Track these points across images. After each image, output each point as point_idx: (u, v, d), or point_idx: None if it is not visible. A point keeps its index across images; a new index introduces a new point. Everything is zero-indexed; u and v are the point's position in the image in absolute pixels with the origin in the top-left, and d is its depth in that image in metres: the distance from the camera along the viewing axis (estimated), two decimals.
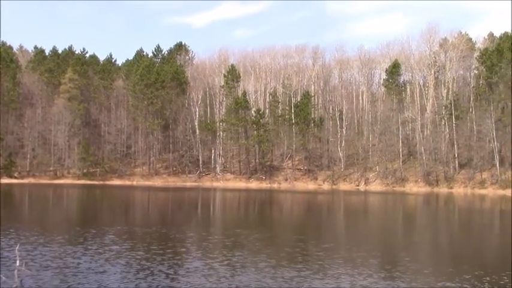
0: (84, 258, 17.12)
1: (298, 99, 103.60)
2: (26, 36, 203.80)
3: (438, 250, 22.13)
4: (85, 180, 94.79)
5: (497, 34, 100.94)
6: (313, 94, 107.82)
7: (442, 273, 15.93)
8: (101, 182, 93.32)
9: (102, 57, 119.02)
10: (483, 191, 79.74)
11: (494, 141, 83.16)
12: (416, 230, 31.67)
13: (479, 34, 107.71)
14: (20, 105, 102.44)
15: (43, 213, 37.56)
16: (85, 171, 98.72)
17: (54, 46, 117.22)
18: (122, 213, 39.34)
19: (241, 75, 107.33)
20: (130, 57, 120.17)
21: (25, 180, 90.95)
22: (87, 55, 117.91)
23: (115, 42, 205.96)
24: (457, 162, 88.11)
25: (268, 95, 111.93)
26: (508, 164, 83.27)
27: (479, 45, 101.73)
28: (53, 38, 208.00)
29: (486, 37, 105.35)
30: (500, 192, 77.84)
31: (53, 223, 29.71)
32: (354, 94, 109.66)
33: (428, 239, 26.29)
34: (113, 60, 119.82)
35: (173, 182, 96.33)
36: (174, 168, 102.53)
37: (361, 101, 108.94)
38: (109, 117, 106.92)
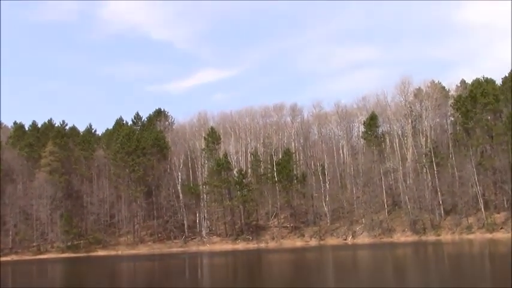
0: None
1: (280, 157, 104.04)
2: (4, 112, 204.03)
3: None
4: (69, 253, 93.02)
5: (469, 81, 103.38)
6: (294, 151, 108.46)
7: None
8: (86, 254, 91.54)
9: (82, 128, 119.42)
10: (470, 236, 79.59)
11: (477, 186, 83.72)
12: (409, 281, 31.32)
13: (451, 82, 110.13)
14: (0, 182, 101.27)
15: None
16: (69, 244, 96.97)
17: (34, 121, 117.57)
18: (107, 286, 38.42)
19: (221, 137, 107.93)
20: (110, 127, 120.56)
21: (8, 258, 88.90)
22: (67, 127, 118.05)
23: (94, 112, 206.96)
24: (442, 208, 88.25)
25: (249, 154, 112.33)
26: (493, 207, 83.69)
27: (453, 92, 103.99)
28: (32, 112, 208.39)
29: (459, 84, 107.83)
30: (488, 235, 77.75)
31: None
32: (335, 148, 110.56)
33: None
34: (93, 131, 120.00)
35: (159, 248, 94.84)
36: (159, 235, 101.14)
37: (342, 155, 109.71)
38: (91, 187, 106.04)
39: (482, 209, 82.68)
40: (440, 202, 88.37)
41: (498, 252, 50.98)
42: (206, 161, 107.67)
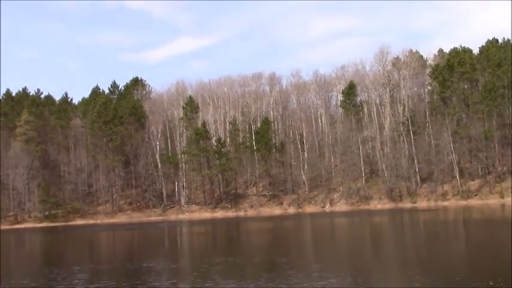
0: None
1: (258, 126, 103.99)
2: None
3: (408, 261, 22.24)
4: (47, 222, 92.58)
5: (446, 50, 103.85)
6: (272, 120, 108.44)
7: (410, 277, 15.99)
8: (64, 224, 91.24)
9: (57, 98, 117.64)
10: (446, 203, 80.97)
11: (452, 154, 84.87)
12: (385, 246, 31.83)
13: (429, 51, 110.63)
14: None
15: (6, 259, 36.40)
16: (47, 213, 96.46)
17: (8, 89, 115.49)
18: (86, 253, 38.44)
19: (199, 106, 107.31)
20: (87, 96, 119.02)
21: None
22: (42, 96, 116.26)
23: (70, 81, 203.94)
24: (418, 176, 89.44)
25: (228, 123, 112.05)
26: (468, 175, 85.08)
27: (430, 61, 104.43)
28: (5, 81, 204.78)
29: (436, 53, 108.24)
30: (463, 202, 79.19)
31: (19, 267, 28.76)
32: (313, 117, 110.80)
33: (398, 253, 26.43)
34: (69, 100, 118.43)
35: (137, 217, 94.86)
36: (138, 204, 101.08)
37: (320, 124, 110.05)
38: (68, 157, 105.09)
39: (458, 177, 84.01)
40: (417, 170, 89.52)
41: (472, 218, 51.98)
42: (184, 130, 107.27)
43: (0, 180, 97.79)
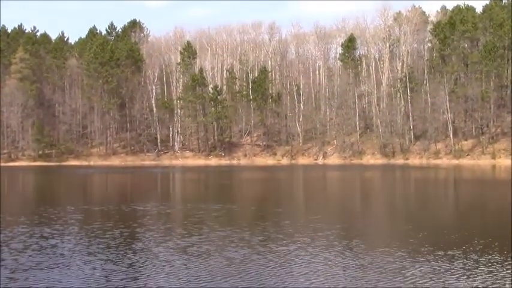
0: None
1: (256, 75, 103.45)
2: None
3: (398, 215, 22.63)
4: (40, 161, 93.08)
5: (449, 7, 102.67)
6: (270, 70, 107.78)
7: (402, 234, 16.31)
8: (57, 163, 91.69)
9: (54, 36, 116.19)
10: (437, 161, 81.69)
11: (448, 113, 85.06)
12: (373, 200, 32.27)
13: (432, 7, 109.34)
14: None
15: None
16: (40, 152, 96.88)
17: (3, 25, 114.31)
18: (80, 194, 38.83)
19: (197, 52, 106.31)
20: (84, 36, 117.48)
21: None
22: (38, 34, 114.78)
23: (67, 21, 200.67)
24: (412, 134, 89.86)
25: (225, 71, 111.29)
26: (461, 134, 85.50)
27: (432, 18, 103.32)
28: (1, 17, 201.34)
29: (439, 10, 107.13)
30: (454, 161, 79.94)
31: (14, 205, 29.07)
32: (311, 69, 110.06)
33: (385, 208, 26.84)
34: (65, 39, 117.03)
35: (131, 161, 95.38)
36: (132, 148, 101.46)
37: (318, 76, 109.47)
38: (63, 97, 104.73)
39: (451, 136, 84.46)
40: (411, 127, 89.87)
41: (462, 178, 52.57)
42: (181, 76, 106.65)
43: None
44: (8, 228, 18.59)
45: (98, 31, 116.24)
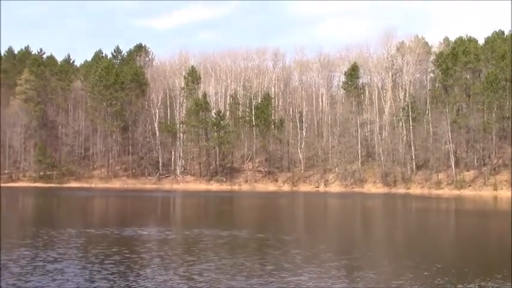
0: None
1: (259, 101, 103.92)
2: None
3: (397, 248, 22.56)
4: (41, 183, 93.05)
5: (452, 38, 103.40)
6: (273, 96, 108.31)
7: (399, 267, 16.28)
8: (58, 185, 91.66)
9: (60, 59, 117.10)
10: (439, 191, 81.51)
11: (450, 143, 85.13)
12: (375, 230, 32.20)
13: (435, 38, 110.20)
14: None
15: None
16: (41, 173, 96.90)
17: (10, 46, 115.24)
18: (79, 216, 38.76)
19: (201, 77, 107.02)
20: (89, 59, 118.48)
21: None
22: (44, 56, 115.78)
23: (74, 44, 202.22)
24: (414, 163, 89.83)
25: (228, 97, 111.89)
26: (463, 165, 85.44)
27: (435, 49, 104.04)
28: (8, 38, 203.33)
29: (441, 41, 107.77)
30: (456, 192, 79.75)
31: (16, 227, 29.05)
32: (314, 96, 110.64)
33: (387, 238, 26.78)
34: (71, 61, 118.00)
35: (132, 184, 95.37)
36: (134, 171, 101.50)
37: (320, 103, 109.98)
38: (67, 118, 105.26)
39: (453, 166, 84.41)
40: (413, 156, 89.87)
41: (464, 209, 52.42)
42: (185, 100, 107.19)
43: None
44: (10, 251, 18.59)
45: (104, 54, 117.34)
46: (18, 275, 14.52)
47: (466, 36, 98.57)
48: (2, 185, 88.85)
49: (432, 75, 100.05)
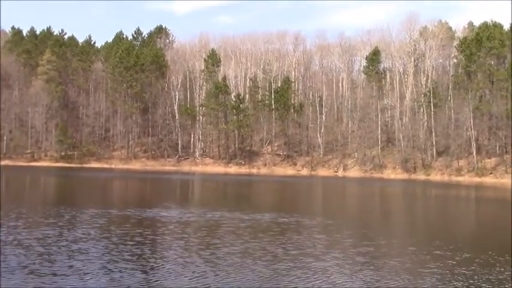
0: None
1: (279, 85, 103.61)
2: (3, 17, 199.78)
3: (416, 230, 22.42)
4: (63, 162, 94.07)
5: (476, 23, 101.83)
6: (293, 80, 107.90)
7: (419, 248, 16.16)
8: (79, 165, 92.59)
9: (81, 40, 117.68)
10: (460, 178, 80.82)
11: (471, 130, 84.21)
12: (396, 217, 32.05)
13: (458, 23, 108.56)
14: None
15: (27, 195, 37.19)
16: (63, 154, 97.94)
17: (32, 27, 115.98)
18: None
19: (221, 60, 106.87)
20: (110, 40, 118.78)
21: (2, 162, 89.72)
22: (66, 37, 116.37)
23: (95, 25, 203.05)
24: (434, 149, 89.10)
25: (248, 80, 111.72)
26: (485, 152, 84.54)
27: (459, 34, 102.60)
28: (31, 18, 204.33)
29: (466, 26, 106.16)
30: (477, 179, 79.01)
31: (38, 205, 29.41)
32: (334, 81, 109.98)
33: (409, 225, 26.64)
34: (92, 43, 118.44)
35: (152, 166, 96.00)
36: (153, 152, 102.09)
37: (341, 88, 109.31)
38: (87, 99, 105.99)
39: (474, 153, 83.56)
40: (434, 143, 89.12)
41: (484, 196, 51.92)
42: (205, 83, 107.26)
43: (20, 117, 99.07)
44: (36, 229, 18.80)
45: (124, 36, 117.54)
46: (43, 254, 14.66)
47: (491, 21, 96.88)
48: (24, 164, 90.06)
49: (455, 61, 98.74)
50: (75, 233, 18.43)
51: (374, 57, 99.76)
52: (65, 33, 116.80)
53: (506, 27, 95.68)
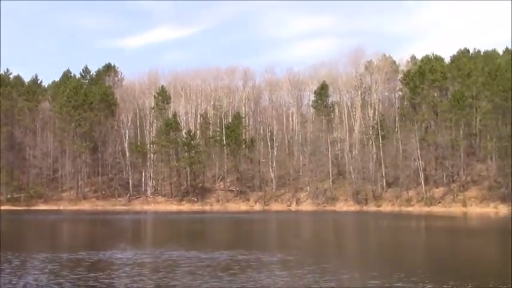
0: None
1: (229, 121, 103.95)
2: None
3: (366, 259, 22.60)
4: (9, 206, 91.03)
5: (419, 57, 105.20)
6: (244, 115, 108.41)
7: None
8: (26, 208, 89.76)
9: (27, 79, 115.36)
10: (409, 209, 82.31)
11: (419, 160, 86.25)
12: (347, 249, 32.26)
13: (402, 57, 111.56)
14: None
15: None
16: (9, 196, 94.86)
17: None
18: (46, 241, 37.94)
19: (171, 96, 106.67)
20: (57, 79, 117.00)
21: None
22: (11, 76, 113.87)
23: (42, 64, 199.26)
24: (384, 181, 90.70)
25: (199, 116, 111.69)
26: (432, 182, 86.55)
27: (403, 67, 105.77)
28: None
29: (409, 60, 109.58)
30: (426, 209, 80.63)
31: None
32: (284, 115, 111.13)
33: (357, 249, 26.83)
34: (39, 82, 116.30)
35: (102, 206, 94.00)
36: (103, 192, 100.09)
37: (291, 122, 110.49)
38: (34, 140, 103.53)
39: (423, 183, 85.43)
40: (383, 174, 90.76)
41: (434, 225, 52.98)
42: (155, 120, 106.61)
43: None
44: None
45: (72, 74, 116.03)
46: None
47: (433, 54, 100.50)
48: None
49: (400, 94, 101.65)
50: (26, 280, 17.77)
51: (322, 91, 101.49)
52: (11, 73, 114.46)
53: (447, 60, 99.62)
